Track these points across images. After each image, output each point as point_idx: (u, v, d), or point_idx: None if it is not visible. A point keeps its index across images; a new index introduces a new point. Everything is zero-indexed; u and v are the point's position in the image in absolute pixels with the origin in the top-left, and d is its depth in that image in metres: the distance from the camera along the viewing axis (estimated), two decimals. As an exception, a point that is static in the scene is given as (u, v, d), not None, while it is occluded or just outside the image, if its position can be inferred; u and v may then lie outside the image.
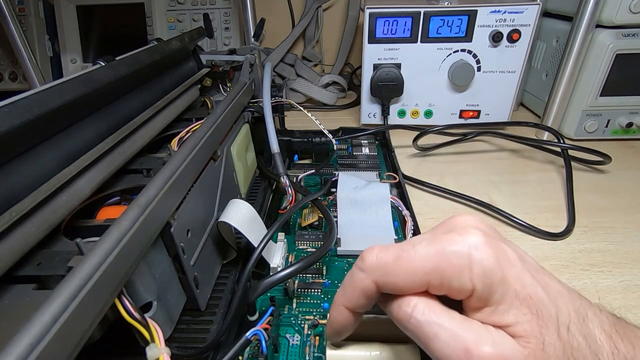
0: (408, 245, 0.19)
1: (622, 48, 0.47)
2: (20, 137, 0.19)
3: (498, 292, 0.17)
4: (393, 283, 0.19)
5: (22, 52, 0.63)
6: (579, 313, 0.17)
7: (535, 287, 0.17)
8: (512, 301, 0.17)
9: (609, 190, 0.42)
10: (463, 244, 0.17)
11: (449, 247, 0.18)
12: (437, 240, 0.18)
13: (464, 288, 0.17)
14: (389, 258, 0.19)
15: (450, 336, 0.17)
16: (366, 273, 0.19)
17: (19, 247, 0.18)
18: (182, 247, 0.23)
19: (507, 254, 0.18)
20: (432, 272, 0.18)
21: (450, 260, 0.17)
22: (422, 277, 0.18)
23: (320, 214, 0.37)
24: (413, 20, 0.52)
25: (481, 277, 0.17)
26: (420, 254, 0.18)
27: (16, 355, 0.12)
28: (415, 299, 0.18)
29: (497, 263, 0.17)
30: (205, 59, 0.49)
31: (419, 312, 0.18)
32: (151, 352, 0.17)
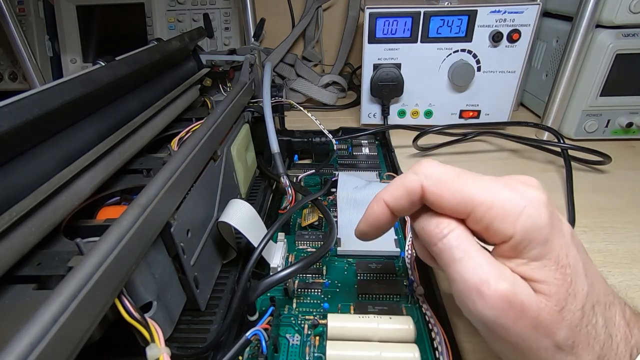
0: (469, 172, 0.20)
1: (622, 48, 0.47)
2: (20, 137, 0.19)
3: (536, 249, 0.17)
4: (439, 197, 0.19)
5: (22, 52, 0.63)
6: (607, 298, 0.18)
7: (578, 261, 0.18)
8: (549, 263, 0.17)
9: (609, 190, 0.42)
10: (523, 194, 0.18)
11: (508, 192, 0.18)
12: (499, 181, 0.19)
13: (503, 232, 0.18)
14: (448, 174, 0.19)
15: (474, 265, 0.17)
16: (418, 176, 0.20)
17: (19, 247, 0.18)
18: (182, 247, 0.23)
19: (562, 225, 0.18)
20: (481, 204, 0.18)
21: (503, 202, 0.18)
22: (468, 203, 0.18)
23: (320, 214, 0.37)
24: (413, 20, 0.52)
25: (525, 229, 0.17)
26: (478, 184, 0.19)
27: (16, 355, 0.12)
28: (454, 223, 0.19)
29: (547, 224, 0.17)
30: (205, 59, 0.49)
31: (453, 236, 0.18)
32: (151, 352, 0.17)
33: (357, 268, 0.32)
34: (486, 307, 0.17)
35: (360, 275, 0.32)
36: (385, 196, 0.21)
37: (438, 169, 0.20)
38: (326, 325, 0.25)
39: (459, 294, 0.18)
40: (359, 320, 0.25)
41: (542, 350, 0.17)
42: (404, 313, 0.28)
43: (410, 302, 0.29)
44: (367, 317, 0.26)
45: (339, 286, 0.31)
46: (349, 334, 0.25)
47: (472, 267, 0.17)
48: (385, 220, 0.22)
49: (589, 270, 0.18)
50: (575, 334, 0.17)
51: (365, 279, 0.31)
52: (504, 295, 0.17)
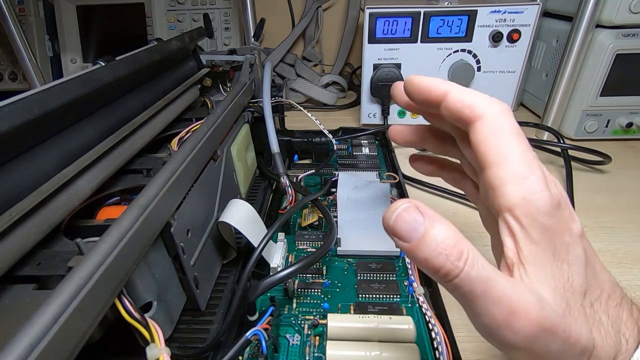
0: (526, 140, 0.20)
1: (622, 48, 0.47)
2: (20, 137, 0.19)
3: (536, 232, 0.18)
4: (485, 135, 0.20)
5: (22, 52, 0.63)
6: (611, 297, 0.18)
7: (579, 259, 0.18)
8: (546, 253, 0.18)
9: (609, 190, 0.42)
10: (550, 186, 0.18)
11: (540, 173, 0.19)
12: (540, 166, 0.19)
13: (506, 199, 0.18)
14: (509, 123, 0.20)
15: (499, 295, 0.16)
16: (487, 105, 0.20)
17: (19, 247, 0.18)
18: (182, 247, 0.23)
19: (574, 223, 0.19)
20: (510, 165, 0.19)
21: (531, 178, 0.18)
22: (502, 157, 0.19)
23: (320, 214, 0.37)
24: (413, 20, 0.51)
25: (529, 208, 0.18)
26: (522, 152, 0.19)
27: (16, 355, 0.12)
28: (465, 250, 0.17)
29: (551, 216, 0.18)
30: (205, 59, 0.49)
31: (469, 266, 0.17)
32: (151, 352, 0.17)
33: (357, 268, 0.32)
34: (519, 339, 0.16)
35: (360, 275, 0.32)
36: (452, 90, 0.22)
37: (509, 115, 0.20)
38: (326, 325, 0.25)
39: (487, 329, 0.17)
40: (359, 320, 0.25)
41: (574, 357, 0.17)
42: (404, 313, 0.28)
43: (410, 302, 0.29)
44: (367, 317, 0.26)
45: (339, 286, 0.31)
46: (349, 334, 0.25)
47: (498, 299, 0.16)
48: (432, 98, 0.23)
49: (594, 270, 0.19)
50: (591, 335, 0.17)
51: (365, 279, 0.31)
52: (537, 323, 0.16)
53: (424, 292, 0.28)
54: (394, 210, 0.18)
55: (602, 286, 0.19)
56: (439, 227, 0.17)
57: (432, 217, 0.17)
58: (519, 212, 0.18)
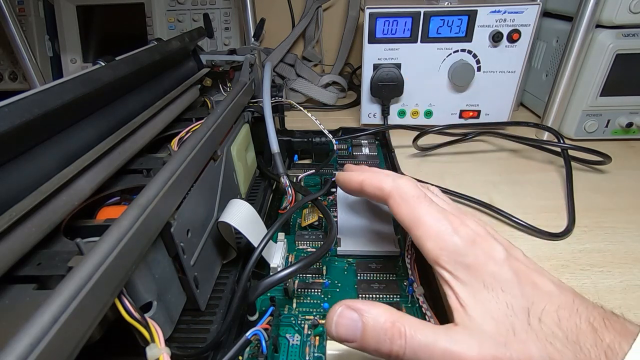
0: (429, 200, 0.24)
1: (622, 48, 0.47)
2: (20, 137, 0.19)
3: (463, 272, 0.20)
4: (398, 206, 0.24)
5: (22, 52, 0.63)
6: (564, 308, 0.18)
7: (510, 282, 0.19)
8: (477, 287, 0.19)
9: (609, 190, 0.42)
10: (457, 229, 0.21)
11: (446, 223, 0.22)
12: (446, 214, 0.22)
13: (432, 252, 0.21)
14: (414, 192, 0.24)
15: (441, 354, 0.18)
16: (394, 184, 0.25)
17: (19, 247, 0.18)
18: (182, 247, 0.23)
19: (494, 252, 0.21)
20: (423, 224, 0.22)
21: (440, 229, 0.22)
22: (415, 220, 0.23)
23: (320, 214, 0.37)
24: (413, 20, 0.52)
25: (447, 255, 0.21)
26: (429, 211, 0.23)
27: (16, 355, 0.12)
28: (401, 324, 0.19)
29: (469, 254, 0.20)
30: (205, 59, 0.49)
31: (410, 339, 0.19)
32: (151, 352, 0.17)
33: (357, 268, 0.32)
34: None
35: (360, 275, 0.32)
36: (366, 178, 0.27)
37: (410, 186, 0.24)
38: (326, 325, 0.25)
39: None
40: None
41: None
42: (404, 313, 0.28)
43: (410, 302, 0.29)
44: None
45: (339, 286, 0.31)
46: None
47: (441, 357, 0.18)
48: (354, 189, 0.29)
49: (534, 288, 0.19)
50: (546, 351, 0.17)
51: (365, 279, 0.31)
52: None
53: (424, 292, 0.28)
54: (331, 320, 0.20)
55: (549, 297, 0.19)
56: (372, 315, 0.19)
57: (363, 309, 0.20)
58: (442, 261, 0.21)
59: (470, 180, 0.45)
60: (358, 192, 0.28)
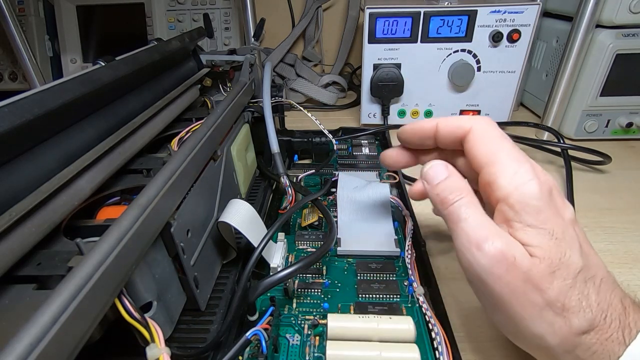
0: (509, 140, 0.23)
1: (622, 48, 0.47)
2: (20, 137, 0.19)
3: (531, 216, 0.20)
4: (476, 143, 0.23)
5: (22, 52, 0.63)
6: (606, 282, 0.20)
7: (574, 240, 0.20)
8: (543, 232, 0.20)
9: (609, 190, 0.42)
10: (537, 174, 0.21)
11: (527, 165, 0.21)
12: (526, 158, 0.22)
13: (504, 188, 0.21)
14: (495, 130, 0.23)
15: (477, 224, 0.20)
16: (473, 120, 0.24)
17: (19, 247, 0.18)
18: (182, 247, 0.23)
19: (564, 208, 0.21)
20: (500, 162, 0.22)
21: (518, 169, 0.21)
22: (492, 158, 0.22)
23: (320, 214, 0.37)
24: (413, 20, 0.52)
25: (523, 193, 0.20)
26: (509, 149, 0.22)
27: (16, 355, 0.12)
28: (465, 191, 0.22)
29: (544, 198, 0.20)
30: (205, 59, 0.49)
31: (463, 201, 0.21)
32: (151, 352, 0.17)
33: (357, 268, 0.32)
34: (482, 257, 0.19)
35: (360, 275, 0.32)
36: (441, 120, 0.25)
37: (490, 124, 0.23)
38: (326, 325, 0.25)
39: (461, 248, 0.21)
40: (359, 320, 0.25)
41: (530, 305, 0.19)
42: (404, 313, 0.28)
43: (410, 302, 0.29)
44: (367, 317, 0.26)
45: (339, 286, 0.31)
46: (349, 334, 0.25)
47: (475, 226, 0.20)
48: (426, 134, 0.26)
49: (587, 253, 0.20)
50: (564, 298, 0.18)
51: (365, 279, 0.31)
52: (499, 249, 0.19)
53: (424, 292, 0.28)
54: (430, 164, 0.24)
55: (596, 270, 0.20)
56: (454, 178, 0.23)
57: (453, 173, 0.23)
58: (512, 199, 0.20)
59: (470, 180, 0.45)
60: (429, 137, 0.26)
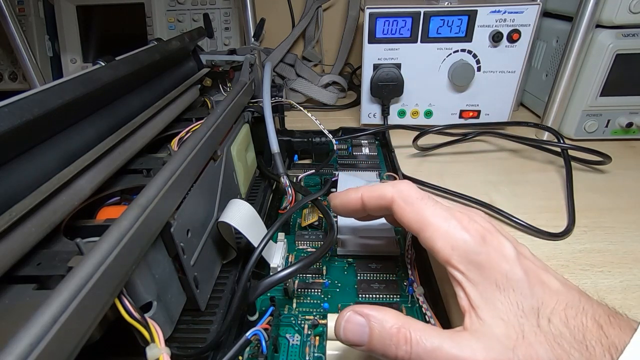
0: (433, 199, 0.23)
1: (622, 48, 0.47)
2: (20, 137, 0.19)
3: (475, 272, 0.20)
4: (403, 209, 0.23)
5: (22, 52, 0.63)
6: (572, 307, 0.18)
7: (522, 282, 0.19)
8: (490, 287, 0.19)
9: (609, 190, 0.42)
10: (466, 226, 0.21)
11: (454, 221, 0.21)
12: (452, 212, 0.22)
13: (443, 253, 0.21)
14: (416, 195, 0.24)
15: (447, 359, 0.18)
16: (394, 189, 0.24)
17: (19, 247, 0.18)
18: (182, 247, 0.23)
19: (504, 249, 0.20)
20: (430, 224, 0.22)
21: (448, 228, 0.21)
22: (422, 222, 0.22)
23: (320, 214, 0.37)
24: (413, 20, 0.51)
25: (459, 254, 0.20)
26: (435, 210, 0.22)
27: (16, 355, 0.12)
28: (407, 329, 0.19)
29: (481, 252, 0.20)
30: (205, 59, 0.49)
31: (415, 345, 0.19)
32: (151, 352, 0.17)
33: (357, 268, 0.32)
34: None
35: (360, 275, 0.32)
36: (365, 191, 0.26)
37: (411, 189, 0.24)
38: (326, 325, 0.25)
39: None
40: None
41: None
42: (404, 313, 0.28)
43: (410, 302, 0.29)
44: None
45: (339, 286, 0.31)
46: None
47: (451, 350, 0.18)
48: (354, 207, 0.27)
49: (543, 287, 0.19)
50: (554, 353, 0.17)
51: (365, 279, 0.31)
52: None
53: (423, 292, 0.28)
54: (339, 325, 0.20)
55: (557, 296, 0.19)
56: (379, 320, 0.20)
57: (370, 315, 0.20)
58: (454, 261, 0.20)
59: (470, 180, 0.45)
60: (359, 210, 0.27)
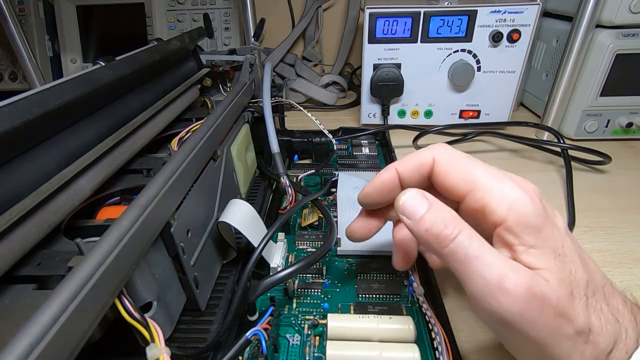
0: (478, 160, 0.21)
1: (622, 48, 0.47)
2: (20, 137, 0.19)
3: (531, 237, 0.18)
4: (447, 172, 0.21)
5: (22, 52, 0.63)
6: (606, 288, 0.19)
7: (574, 252, 0.19)
8: (547, 251, 0.18)
9: (609, 190, 0.42)
10: (522, 186, 0.19)
11: (509, 181, 0.19)
12: (502, 172, 0.20)
13: (498, 214, 0.18)
14: (459, 155, 0.21)
15: (492, 260, 0.17)
16: (432, 152, 0.21)
17: (19, 247, 0.18)
18: (182, 247, 0.23)
19: (556, 218, 0.20)
20: (482, 184, 0.19)
21: (503, 187, 0.19)
22: (471, 182, 0.20)
23: (320, 214, 0.37)
24: (413, 20, 0.51)
25: (518, 214, 0.18)
26: (484, 168, 0.20)
27: (16, 355, 0.12)
28: (462, 222, 0.19)
29: (540, 214, 0.18)
30: (205, 59, 0.49)
31: (464, 235, 0.18)
32: (151, 352, 0.17)
33: (357, 268, 0.32)
34: (511, 303, 0.17)
35: (360, 275, 0.32)
36: (397, 164, 0.23)
37: (451, 150, 0.21)
38: (326, 325, 0.25)
39: (479, 293, 0.17)
40: (359, 320, 0.25)
41: (565, 341, 0.17)
42: (404, 313, 0.28)
43: (410, 302, 0.29)
44: (367, 317, 0.26)
45: (339, 286, 0.31)
46: (349, 334, 0.25)
47: (490, 264, 0.17)
48: (391, 186, 0.23)
49: (585, 261, 0.19)
50: (588, 321, 0.17)
51: (365, 279, 0.31)
52: (527, 287, 0.16)
53: (424, 292, 0.28)
54: (399, 197, 0.20)
55: (598, 277, 0.19)
56: (439, 207, 0.19)
57: (434, 201, 0.20)
58: (510, 222, 0.18)
59: (470, 180, 0.45)
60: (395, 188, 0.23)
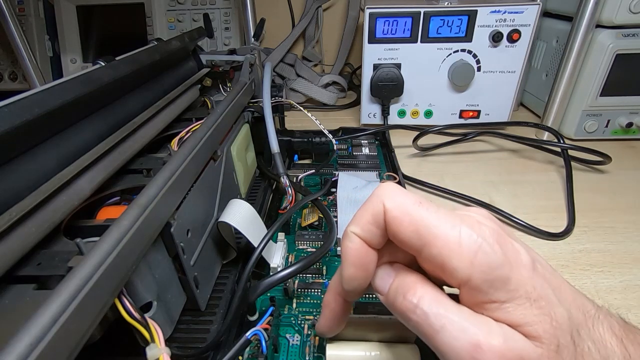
0: (430, 203, 0.18)
1: (622, 48, 0.47)
2: (20, 137, 0.19)
3: (502, 290, 0.16)
4: (399, 220, 0.17)
5: (22, 52, 0.63)
6: (588, 316, 0.17)
7: (547, 289, 0.16)
8: (521, 302, 0.16)
9: (609, 190, 0.42)
10: (478, 231, 0.16)
11: (466, 228, 0.16)
12: (456, 215, 0.17)
13: (461, 272, 0.16)
14: (409, 199, 0.18)
15: (458, 329, 0.16)
16: (380, 197, 0.18)
17: (19, 247, 0.18)
18: (182, 247, 0.23)
19: (520, 256, 0.17)
20: (437, 236, 0.16)
21: (462, 238, 0.16)
22: (425, 233, 0.17)
23: (320, 214, 0.37)
24: (413, 20, 0.52)
25: (483, 270, 0.16)
26: (438, 215, 0.17)
27: (16, 355, 0.12)
28: (421, 289, 0.17)
29: (505, 262, 0.16)
30: (205, 59, 0.49)
31: (425, 303, 0.17)
32: (151, 352, 0.17)
33: (357, 268, 0.32)
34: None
35: (360, 275, 0.32)
36: (352, 227, 0.19)
37: (400, 194, 0.18)
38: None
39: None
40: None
41: None
42: (404, 313, 0.28)
43: (410, 302, 0.29)
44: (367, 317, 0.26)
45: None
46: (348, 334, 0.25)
47: (457, 333, 0.16)
48: (366, 255, 0.19)
49: (562, 293, 0.17)
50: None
51: (365, 279, 0.31)
52: (500, 354, 0.15)
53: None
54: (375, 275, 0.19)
55: (574, 305, 0.17)
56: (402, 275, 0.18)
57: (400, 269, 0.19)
58: (476, 281, 0.16)
59: (470, 180, 0.45)
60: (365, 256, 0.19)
